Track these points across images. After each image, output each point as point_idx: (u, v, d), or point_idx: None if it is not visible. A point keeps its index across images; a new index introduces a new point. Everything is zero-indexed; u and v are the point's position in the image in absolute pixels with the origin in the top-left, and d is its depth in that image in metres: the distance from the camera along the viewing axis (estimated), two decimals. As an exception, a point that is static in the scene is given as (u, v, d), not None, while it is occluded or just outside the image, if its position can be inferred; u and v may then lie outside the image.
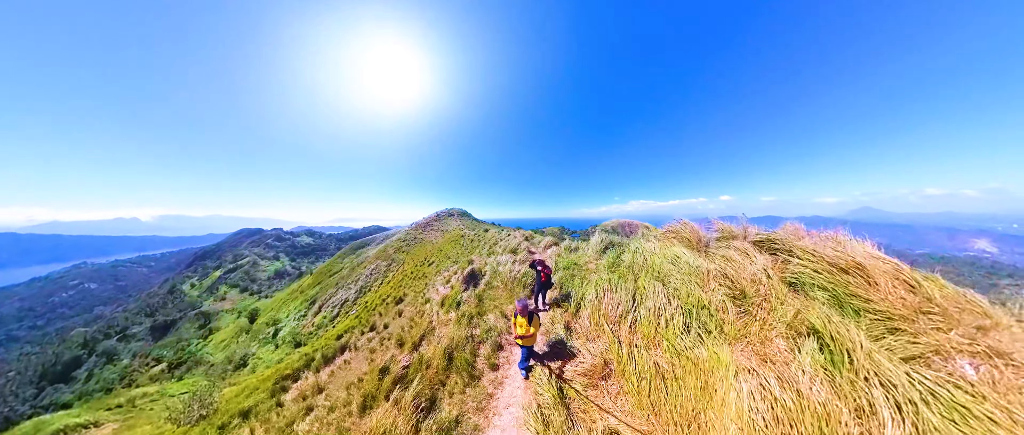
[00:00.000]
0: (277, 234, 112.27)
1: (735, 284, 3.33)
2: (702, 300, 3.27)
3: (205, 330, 43.15)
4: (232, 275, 69.69)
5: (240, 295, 61.05)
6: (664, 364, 2.79)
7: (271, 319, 37.35)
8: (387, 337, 8.17)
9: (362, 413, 4.49)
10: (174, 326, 48.25)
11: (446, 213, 48.51)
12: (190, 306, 58.29)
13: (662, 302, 3.46)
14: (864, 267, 2.93)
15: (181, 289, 69.57)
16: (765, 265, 3.43)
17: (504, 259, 9.87)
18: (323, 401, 5.99)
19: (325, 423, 4.88)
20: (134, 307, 62.95)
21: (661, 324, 3.23)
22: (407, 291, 14.87)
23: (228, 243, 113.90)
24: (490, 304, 6.55)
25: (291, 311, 35.97)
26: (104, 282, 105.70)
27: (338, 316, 26.67)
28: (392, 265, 30.25)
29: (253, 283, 65.87)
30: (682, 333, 3.01)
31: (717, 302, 3.19)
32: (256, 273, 71.61)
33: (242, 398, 9.19)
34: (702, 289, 3.46)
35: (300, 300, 37.68)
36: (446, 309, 7.52)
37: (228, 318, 47.16)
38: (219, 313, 51.33)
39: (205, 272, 79.02)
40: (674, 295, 3.51)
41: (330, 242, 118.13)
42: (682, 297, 3.42)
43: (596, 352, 3.40)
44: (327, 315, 28.37)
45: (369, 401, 4.55)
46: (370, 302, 19.63)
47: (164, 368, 29.66)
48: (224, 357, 27.74)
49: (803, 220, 4.36)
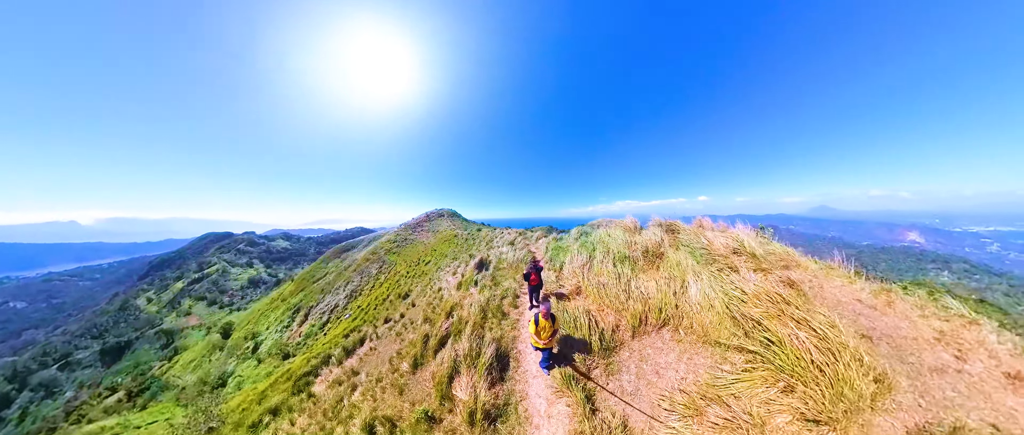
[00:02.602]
0: (249, 238, 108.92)
1: (645, 246, 6.75)
2: (625, 254, 6.72)
3: (169, 350, 41.31)
4: (198, 286, 67.06)
5: (208, 309, 58.90)
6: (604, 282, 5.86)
7: (249, 333, 36.39)
8: (409, 321, 9.37)
9: (415, 370, 5.72)
10: (130, 348, 45.92)
11: (437, 213, 49.33)
12: (148, 324, 55.48)
13: (603, 256, 6.91)
14: (707, 236, 6.28)
15: (135, 305, 66.39)
16: (663, 237, 6.96)
17: (505, 250, 12.82)
18: (364, 378, 7.09)
19: (378, 389, 6.02)
20: (77, 329, 58.67)
21: (604, 267, 6.43)
22: (410, 287, 15.95)
23: (192, 250, 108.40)
24: (502, 278, 9.50)
25: (272, 322, 35.50)
26: (35, 300, 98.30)
27: (328, 323, 26.74)
28: (383, 267, 30.87)
29: (223, 294, 63.73)
30: (614, 269, 6.18)
31: (633, 255, 6.65)
32: (226, 283, 69.09)
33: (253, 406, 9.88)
34: (628, 250, 6.85)
35: (282, 309, 37.30)
36: (465, 289, 8.97)
37: (196, 335, 45.66)
38: (184, 330, 49.38)
39: (164, 284, 75.43)
40: (610, 253, 6.92)
41: (309, 246, 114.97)
42: (615, 254, 6.81)
43: (572, 284, 6.76)
44: (316, 323, 28.45)
45: (419, 360, 5.79)
46: (367, 303, 20.41)
47: (122, 397, 27.36)
48: (197, 379, 26.64)
49: (769, 218, 6.15)
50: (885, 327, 3.74)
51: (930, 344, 3.53)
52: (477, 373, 4.64)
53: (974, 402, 2.95)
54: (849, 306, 4.14)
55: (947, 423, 2.73)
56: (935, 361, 3.34)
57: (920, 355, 3.41)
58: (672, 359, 4.11)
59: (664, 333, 4.52)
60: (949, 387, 3.11)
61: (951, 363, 3.33)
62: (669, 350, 4.25)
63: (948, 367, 3.27)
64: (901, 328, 3.71)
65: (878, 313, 3.95)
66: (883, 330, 3.72)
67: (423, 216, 47.66)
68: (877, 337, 3.65)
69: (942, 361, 3.34)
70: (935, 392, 3.05)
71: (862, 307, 4.08)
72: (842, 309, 4.11)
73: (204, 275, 72.29)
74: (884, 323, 3.80)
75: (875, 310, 4.01)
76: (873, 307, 4.05)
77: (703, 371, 3.73)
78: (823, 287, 4.55)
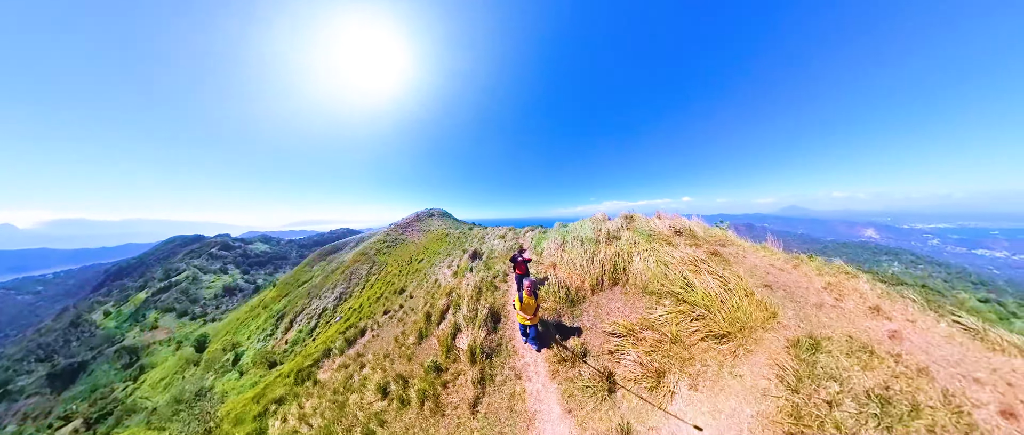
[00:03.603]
0: (223, 241, 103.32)
1: (607, 231, 8.73)
2: (591, 237, 8.65)
3: (134, 369, 38.86)
4: (165, 296, 63.83)
5: (178, 320, 56.31)
6: (573, 258, 7.55)
7: (227, 344, 35.01)
8: (410, 309, 10.28)
9: (420, 342, 6.68)
10: (85, 370, 42.10)
11: (427, 213, 49.77)
12: (106, 341, 51.47)
13: (573, 240, 8.96)
14: (654, 222, 8.52)
15: (90, 320, 61.39)
16: (622, 224, 9.11)
17: (496, 242, 14.74)
18: (371, 357, 7.91)
19: (386, 363, 6.90)
20: (16, 351, 52.96)
21: (573, 247, 8.27)
22: (406, 284, 16.71)
23: (156, 255, 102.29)
24: (493, 263, 11.51)
25: (254, 331, 34.64)
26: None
27: (317, 328, 26.52)
28: (374, 267, 31.13)
29: (195, 304, 61.00)
30: (581, 248, 7.95)
31: (598, 238, 8.51)
32: (198, 291, 66.01)
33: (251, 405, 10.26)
34: (594, 235, 8.72)
35: (264, 317, 36.58)
36: (460, 276, 10.25)
37: (165, 351, 43.30)
38: (151, 346, 46.37)
39: (124, 295, 71.34)
40: (578, 237, 9.00)
41: (291, 249, 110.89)
42: (582, 238, 8.85)
43: (548, 262, 8.51)
44: (304, 329, 28.17)
45: (424, 333, 6.77)
46: (359, 304, 20.80)
47: (78, 427, 25.38)
48: (170, 397, 24.59)
49: (746, 217, 7.78)
50: (786, 281, 5.21)
51: (818, 291, 4.92)
52: (475, 327, 6.05)
53: (841, 324, 4.28)
54: (763, 269, 5.65)
55: (817, 334, 4.03)
56: (818, 300, 4.72)
57: (807, 297, 4.79)
58: (620, 305, 5.70)
59: (616, 289, 6.19)
60: (825, 316, 4.46)
61: (830, 301, 4.70)
62: (619, 300, 5.87)
63: (826, 303, 4.64)
64: (799, 282, 5.14)
65: (784, 273, 5.44)
66: (784, 283, 5.19)
67: (413, 216, 48.04)
68: (777, 286, 5.11)
69: (824, 300, 4.71)
70: (813, 318, 4.40)
71: (773, 270, 5.57)
72: (755, 270, 5.63)
73: (172, 283, 68.78)
74: (787, 279, 5.27)
75: (783, 272, 5.50)
76: (782, 270, 5.55)
77: (643, 311, 5.23)
78: (746, 257, 6.09)
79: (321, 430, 5.41)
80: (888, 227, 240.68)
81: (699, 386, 3.80)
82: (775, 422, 3.20)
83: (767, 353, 3.87)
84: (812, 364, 3.55)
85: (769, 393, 3.45)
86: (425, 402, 4.88)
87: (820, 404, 3.17)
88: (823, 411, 3.16)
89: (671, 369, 4.07)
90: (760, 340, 4.03)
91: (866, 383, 3.31)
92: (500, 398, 4.60)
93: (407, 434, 4.46)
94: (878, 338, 3.90)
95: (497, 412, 4.39)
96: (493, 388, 4.81)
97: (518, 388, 4.66)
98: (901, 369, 3.47)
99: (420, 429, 4.52)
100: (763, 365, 3.75)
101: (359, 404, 5.64)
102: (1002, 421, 2.99)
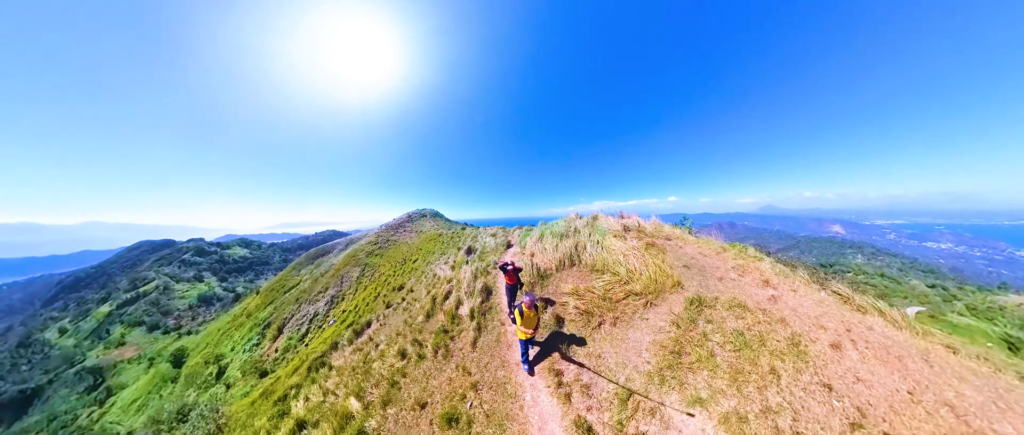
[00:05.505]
0: (198, 246, 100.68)
1: (574, 227, 11.11)
2: (561, 232, 10.91)
3: (99, 392, 37.08)
4: (132, 308, 62.51)
5: (149, 335, 55.27)
6: (546, 246, 10.13)
7: (210, 356, 34.22)
8: (414, 300, 12.07)
9: (428, 320, 8.54)
10: (40, 397, 39.78)
11: (419, 214, 51.19)
12: (64, 362, 48.78)
13: (549, 233, 11.18)
14: (610, 220, 11.50)
15: (42, 339, 58.51)
16: (589, 221, 11.64)
17: (488, 239, 17.15)
18: (384, 339, 9.65)
19: (399, 339, 8.68)
20: None
21: (546, 239, 10.66)
22: (403, 281, 18.41)
23: (119, 263, 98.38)
24: (487, 256, 13.85)
25: (238, 342, 34.62)
26: None
27: (309, 334, 26.91)
28: (366, 269, 32.35)
29: (167, 316, 60.14)
30: (552, 239, 10.45)
31: (567, 233, 10.82)
32: (170, 302, 64.71)
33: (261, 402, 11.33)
34: (565, 230, 11.03)
35: (248, 326, 36.89)
36: (458, 269, 12.43)
37: (135, 370, 41.58)
38: (118, 365, 44.21)
39: (83, 309, 69.17)
40: (553, 232, 11.10)
41: (273, 253, 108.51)
42: (557, 233, 10.88)
43: (528, 252, 10.56)
44: (294, 336, 28.55)
45: (430, 313, 8.66)
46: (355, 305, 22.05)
47: None
48: (148, 418, 23.21)
49: (727, 215, 10.27)
50: (705, 263, 7.68)
51: (727, 270, 7.21)
52: (473, 299, 8.66)
53: (733, 291, 6.42)
54: (691, 255, 8.18)
55: (709, 296, 6.13)
56: (722, 275, 6.99)
57: (716, 273, 7.03)
58: (575, 278, 8.32)
59: (573, 268, 8.88)
60: (723, 286, 6.67)
61: (732, 276, 6.91)
62: (574, 275, 8.47)
63: (728, 277, 6.87)
64: (716, 263, 7.48)
65: (707, 258, 7.94)
66: (702, 264, 7.67)
67: (405, 217, 49.50)
68: (694, 267, 7.62)
69: (727, 275, 6.93)
70: (712, 287, 6.66)
71: (700, 256, 8.09)
72: (684, 256, 8.16)
73: (140, 294, 67.09)
74: (706, 262, 7.74)
75: (706, 257, 8.00)
76: (706, 255, 8.07)
77: (589, 281, 7.78)
78: (682, 247, 8.69)
79: (352, 389, 7.08)
80: (852, 223, 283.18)
81: (618, 323, 6.11)
82: (663, 346, 5.42)
83: (668, 307, 6.20)
84: (698, 313, 5.66)
85: (663, 329, 5.60)
86: (438, 351, 7.19)
87: (696, 336, 5.23)
88: (697, 340, 5.18)
89: (600, 313, 6.52)
90: (666, 299, 6.48)
91: (734, 326, 5.29)
92: (491, 336, 7.27)
93: (426, 377, 6.41)
94: (758, 300, 5.96)
95: (489, 344, 6.99)
96: (486, 332, 7.51)
97: (502, 330, 7.44)
98: (764, 318, 5.47)
99: (437, 369, 6.77)
100: (664, 314, 6.07)
101: (382, 367, 7.40)
102: (829, 350, 4.62)
